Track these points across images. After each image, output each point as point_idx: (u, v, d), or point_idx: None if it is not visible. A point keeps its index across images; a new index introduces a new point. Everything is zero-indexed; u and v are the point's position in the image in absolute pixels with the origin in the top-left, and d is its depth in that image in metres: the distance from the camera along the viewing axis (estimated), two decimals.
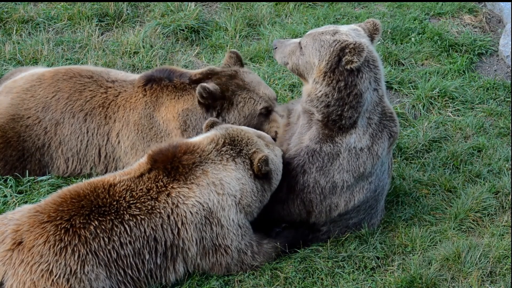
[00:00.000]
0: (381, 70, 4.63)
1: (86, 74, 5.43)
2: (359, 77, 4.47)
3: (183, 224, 4.29)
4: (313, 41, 4.56)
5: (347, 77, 4.45)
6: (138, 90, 5.29)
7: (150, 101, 5.24)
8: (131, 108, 5.26)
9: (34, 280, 3.90)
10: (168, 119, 5.20)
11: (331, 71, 4.47)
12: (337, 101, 4.51)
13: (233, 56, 5.42)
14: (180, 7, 7.64)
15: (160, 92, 5.25)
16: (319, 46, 4.51)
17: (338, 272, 4.64)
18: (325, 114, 4.59)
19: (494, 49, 7.45)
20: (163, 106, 5.22)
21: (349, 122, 4.58)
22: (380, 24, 4.71)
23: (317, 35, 4.57)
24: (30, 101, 5.32)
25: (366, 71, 4.50)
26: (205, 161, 4.45)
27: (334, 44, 4.45)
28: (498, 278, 4.63)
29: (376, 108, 4.67)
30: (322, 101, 4.56)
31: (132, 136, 5.24)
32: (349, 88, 4.47)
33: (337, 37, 4.47)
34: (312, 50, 4.56)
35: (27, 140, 5.27)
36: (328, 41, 4.48)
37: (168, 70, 5.36)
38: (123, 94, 5.32)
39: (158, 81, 5.28)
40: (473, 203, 5.28)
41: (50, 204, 4.16)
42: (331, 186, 4.69)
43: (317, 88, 4.56)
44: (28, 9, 7.35)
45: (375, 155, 4.68)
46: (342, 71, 4.44)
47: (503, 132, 6.28)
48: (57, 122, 5.29)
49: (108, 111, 5.29)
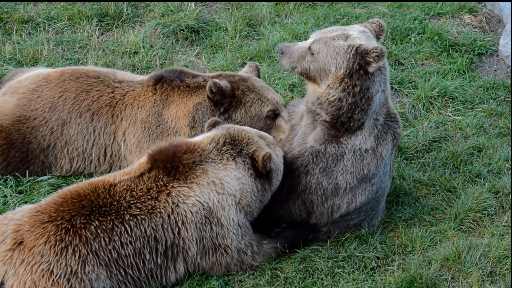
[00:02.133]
0: (388, 71, 4.64)
1: (92, 75, 5.44)
2: (371, 80, 4.46)
3: (183, 224, 4.29)
4: (326, 48, 4.50)
5: (363, 82, 4.43)
6: (148, 89, 5.31)
7: (160, 99, 5.26)
8: (139, 106, 5.27)
9: (34, 280, 3.90)
10: (178, 116, 5.20)
11: (348, 76, 4.44)
12: (350, 105, 4.50)
13: (252, 66, 5.59)
14: (180, 7, 7.64)
15: (171, 91, 5.27)
16: (334, 53, 4.45)
17: (338, 272, 4.64)
18: (334, 116, 4.58)
19: (494, 49, 7.45)
20: (173, 104, 5.23)
21: (357, 124, 4.58)
22: (385, 24, 4.70)
23: (329, 41, 4.50)
24: (37, 101, 5.31)
25: (378, 74, 4.50)
26: (205, 160, 4.45)
27: (349, 50, 4.41)
28: (498, 278, 4.63)
29: (382, 109, 4.67)
30: (334, 105, 4.54)
31: (139, 133, 5.25)
32: (363, 92, 4.47)
33: (351, 42, 4.43)
34: (327, 58, 4.49)
35: (33, 142, 5.26)
36: (343, 47, 4.43)
37: (179, 71, 5.39)
38: (131, 93, 5.34)
39: (169, 81, 5.30)
40: (473, 203, 5.29)
41: (50, 204, 4.17)
42: (334, 188, 4.69)
43: (331, 93, 4.53)
44: (28, 9, 7.35)
45: (380, 156, 4.68)
46: (359, 76, 4.41)
47: (503, 132, 6.28)
48: (64, 122, 5.29)
49: (115, 110, 5.30)
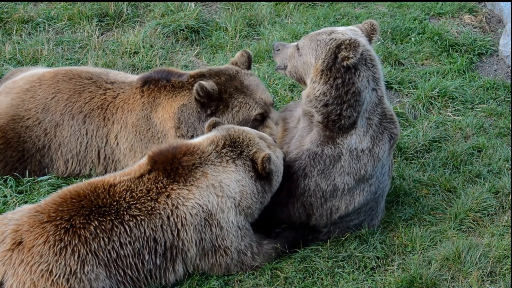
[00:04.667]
0: (379, 70, 4.64)
1: (85, 76, 5.42)
2: (356, 74, 4.47)
3: (182, 226, 4.29)
4: (310, 41, 4.62)
5: (344, 74, 4.46)
6: (136, 91, 5.28)
7: (148, 102, 5.23)
8: (129, 109, 5.25)
9: (34, 280, 3.90)
10: (165, 119, 5.18)
11: (327, 68, 4.49)
12: (335, 99, 4.52)
13: (244, 55, 5.41)
14: (180, 7, 7.64)
15: (157, 92, 5.23)
16: (316, 45, 4.56)
17: (338, 272, 4.64)
18: (324, 115, 4.59)
19: (494, 49, 7.44)
20: (160, 107, 5.21)
21: (348, 122, 4.58)
22: (378, 24, 4.73)
23: (313, 36, 4.63)
24: (30, 102, 5.31)
25: (364, 69, 4.50)
26: (205, 162, 4.44)
27: (330, 42, 4.49)
28: (498, 278, 4.63)
29: (376, 109, 4.66)
30: (321, 100, 4.57)
31: (131, 138, 5.23)
32: (346, 86, 4.48)
33: (333, 36, 4.52)
34: (308, 50, 4.60)
35: (28, 141, 5.26)
36: (324, 40, 4.52)
37: (166, 71, 5.35)
38: (121, 95, 5.31)
39: (155, 82, 5.26)
40: (473, 203, 5.28)
41: (50, 204, 4.16)
42: (332, 189, 4.69)
43: (315, 88, 4.57)
44: (28, 9, 7.35)
45: (376, 157, 4.68)
46: (338, 68, 4.46)
47: (503, 132, 6.27)
48: (56, 123, 5.28)
49: (107, 112, 5.27)
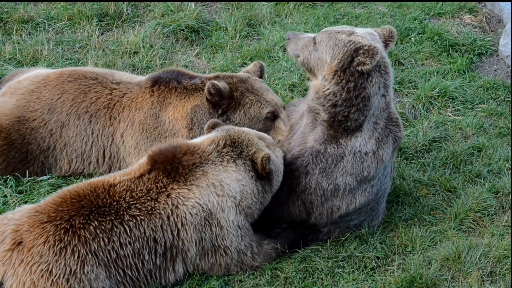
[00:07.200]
0: (391, 77, 4.63)
1: (90, 76, 5.43)
2: (368, 80, 4.46)
3: (182, 225, 4.29)
4: (328, 39, 4.55)
5: (357, 79, 4.44)
6: (145, 90, 5.30)
7: (157, 101, 5.25)
8: (137, 108, 5.27)
9: (34, 280, 3.90)
10: (176, 118, 5.19)
11: (342, 70, 4.46)
12: (345, 102, 4.50)
13: (257, 65, 5.54)
14: (180, 7, 7.64)
15: (168, 93, 5.25)
16: (333, 44, 4.50)
17: (338, 272, 4.64)
18: (331, 114, 4.58)
19: (494, 49, 7.44)
20: (170, 106, 5.22)
21: (354, 125, 4.57)
22: (396, 32, 4.70)
23: (332, 33, 4.55)
24: (35, 103, 5.31)
25: (377, 76, 4.49)
26: (205, 162, 4.44)
27: (349, 44, 4.44)
28: (498, 278, 4.63)
29: (383, 114, 4.66)
30: (330, 100, 4.55)
31: (136, 135, 5.24)
32: (357, 90, 4.46)
33: (353, 38, 4.46)
34: (326, 47, 4.54)
35: (32, 142, 5.26)
36: (343, 40, 4.47)
37: (177, 72, 5.37)
38: (128, 94, 5.33)
39: (166, 83, 5.29)
40: (473, 203, 5.28)
41: (50, 204, 4.16)
42: (333, 189, 4.68)
43: (326, 86, 4.55)
44: (28, 9, 7.35)
45: (380, 159, 4.68)
46: (353, 72, 4.43)
47: (503, 132, 6.27)
48: (62, 124, 5.28)
49: (113, 112, 5.29)
